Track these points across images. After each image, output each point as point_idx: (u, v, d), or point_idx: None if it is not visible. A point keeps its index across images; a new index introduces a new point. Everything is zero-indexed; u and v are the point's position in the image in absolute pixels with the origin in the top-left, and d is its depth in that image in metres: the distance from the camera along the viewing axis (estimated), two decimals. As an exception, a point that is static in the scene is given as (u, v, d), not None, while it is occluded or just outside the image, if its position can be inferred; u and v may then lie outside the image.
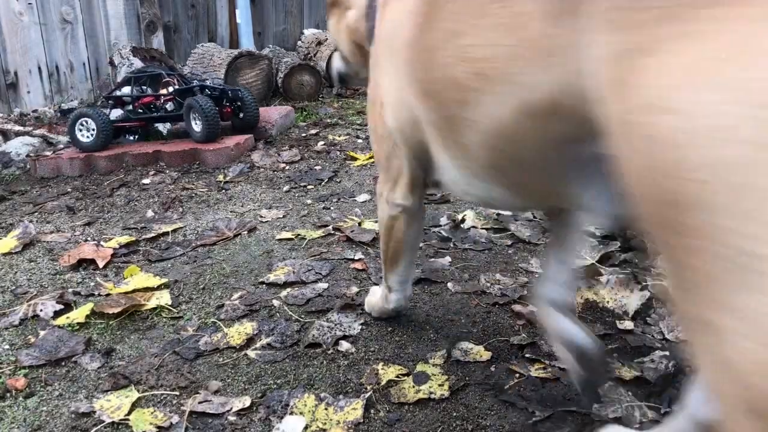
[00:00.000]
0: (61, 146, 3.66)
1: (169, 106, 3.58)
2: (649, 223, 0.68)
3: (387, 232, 1.62)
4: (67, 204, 2.91)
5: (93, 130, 3.44)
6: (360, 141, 3.72)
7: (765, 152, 0.55)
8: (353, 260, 2.23)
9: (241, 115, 3.68)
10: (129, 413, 1.51)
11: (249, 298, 2.02)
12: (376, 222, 2.52)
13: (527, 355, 1.69)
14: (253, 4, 5.70)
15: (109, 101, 3.67)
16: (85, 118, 3.46)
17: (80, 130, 3.47)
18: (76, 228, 2.65)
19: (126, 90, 3.68)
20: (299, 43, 5.70)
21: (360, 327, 1.82)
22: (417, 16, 1.12)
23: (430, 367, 1.64)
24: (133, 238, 2.49)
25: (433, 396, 1.54)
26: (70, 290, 2.11)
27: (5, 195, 3.12)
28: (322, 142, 3.74)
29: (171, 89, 3.59)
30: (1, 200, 3.06)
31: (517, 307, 1.92)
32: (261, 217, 2.66)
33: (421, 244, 2.35)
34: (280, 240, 2.43)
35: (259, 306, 1.97)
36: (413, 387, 1.57)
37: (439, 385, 1.58)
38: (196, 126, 3.40)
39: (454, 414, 1.49)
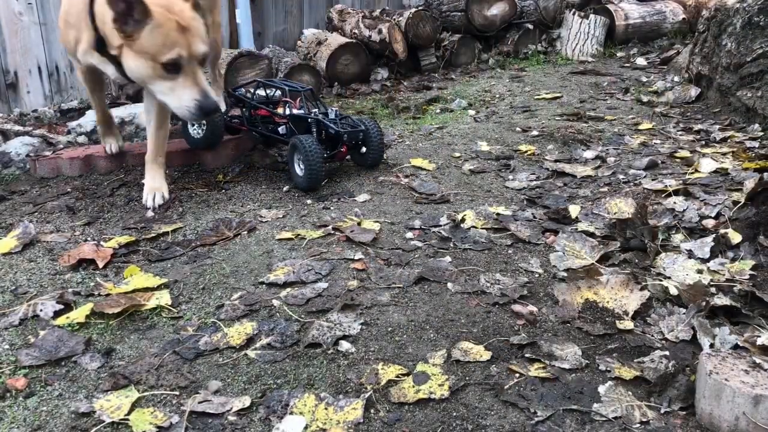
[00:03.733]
0: (61, 146, 3.66)
1: (282, 129, 3.12)
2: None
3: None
4: (67, 204, 2.91)
5: (204, 125, 3.18)
6: (360, 141, 3.72)
7: None
8: (353, 260, 2.23)
9: (363, 149, 3.10)
10: (129, 413, 1.51)
11: (249, 298, 2.02)
12: (375, 222, 2.53)
13: (527, 355, 1.69)
14: (253, 4, 5.70)
15: (231, 98, 3.37)
16: None
17: (192, 123, 3.24)
18: (76, 228, 2.65)
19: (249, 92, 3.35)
20: (299, 43, 5.70)
21: (360, 327, 1.82)
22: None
23: (430, 367, 1.64)
24: (133, 238, 2.49)
25: (433, 396, 1.54)
26: (70, 290, 2.11)
27: (5, 195, 3.12)
28: (322, 142, 3.74)
29: (287, 111, 3.13)
30: (1, 200, 3.05)
31: (517, 307, 1.92)
32: (261, 217, 2.66)
33: (420, 244, 2.35)
34: (280, 240, 2.43)
35: (259, 306, 1.97)
36: (413, 387, 1.57)
37: (439, 385, 1.58)
38: (299, 169, 2.91)
39: (454, 414, 1.49)
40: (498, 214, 2.58)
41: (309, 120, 3.01)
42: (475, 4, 5.76)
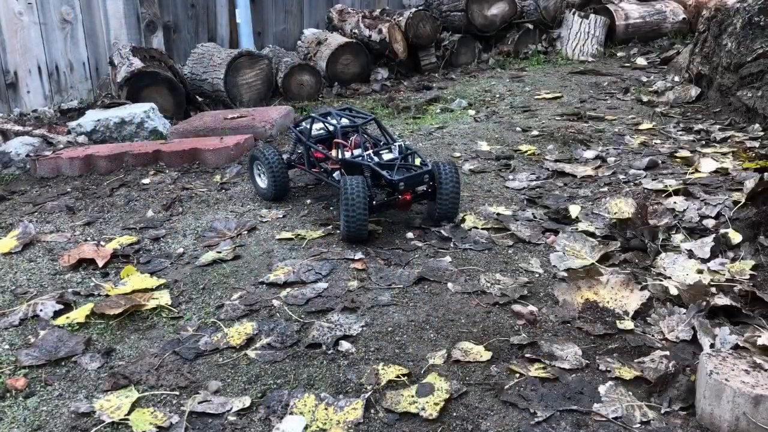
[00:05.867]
0: (61, 146, 3.66)
1: (336, 175, 2.59)
2: None
3: None
4: (67, 204, 2.91)
5: (267, 174, 2.78)
6: (360, 141, 3.72)
7: None
8: (353, 260, 2.23)
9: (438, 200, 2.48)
10: (129, 413, 1.51)
11: (249, 298, 2.02)
12: (376, 221, 2.52)
13: (527, 355, 1.69)
14: (253, 4, 5.70)
15: (293, 133, 2.85)
16: (259, 162, 2.82)
17: (258, 174, 2.86)
18: (76, 228, 2.65)
19: (316, 128, 2.81)
20: (299, 42, 5.69)
21: (360, 327, 1.82)
22: None
23: (434, 376, 1.64)
24: (134, 238, 2.49)
25: (433, 396, 1.54)
26: (70, 290, 2.11)
27: (5, 195, 3.12)
28: (322, 142, 3.74)
29: (339, 155, 2.57)
30: (1, 200, 3.05)
31: (517, 307, 1.92)
32: (261, 217, 2.66)
33: (420, 244, 2.35)
34: (280, 240, 2.43)
35: (259, 306, 1.97)
36: (414, 387, 1.57)
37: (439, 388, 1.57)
38: (342, 216, 2.34)
39: (454, 414, 1.49)
40: (498, 214, 2.58)
41: (362, 165, 2.46)
42: (475, 4, 5.76)
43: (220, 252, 2.33)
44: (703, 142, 3.35)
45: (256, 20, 5.80)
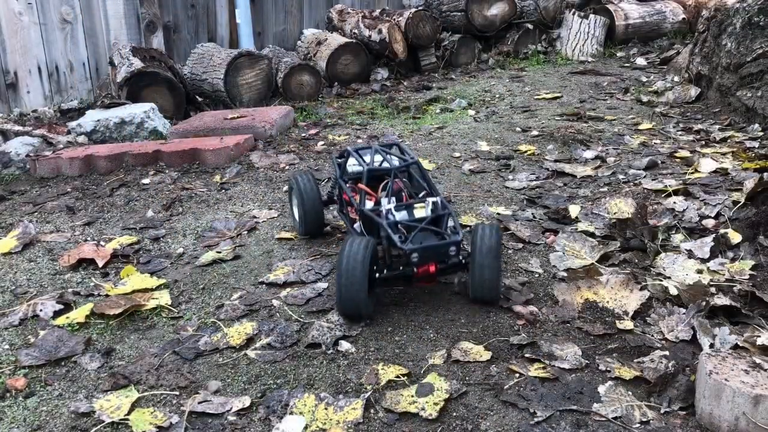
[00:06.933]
0: (61, 146, 3.66)
1: (357, 226, 2.13)
2: None
3: None
4: (67, 204, 2.91)
5: (299, 208, 2.41)
6: (360, 141, 3.72)
7: None
8: (353, 260, 2.23)
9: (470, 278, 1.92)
10: (129, 413, 1.51)
11: (249, 298, 2.02)
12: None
13: (527, 355, 1.69)
14: (253, 4, 5.70)
15: (334, 165, 2.37)
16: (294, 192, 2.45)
17: (296, 204, 2.46)
18: (76, 228, 2.65)
19: (351, 163, 2.30)
20: (299, 43, 5.70)
21: (360, 327, 1.82)
22: None
23: (435, 377, 1.64)
24: (134, 238, 2.49)
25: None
26: (70, 290, 2.11)
27: (5, 195, 3.12)
28: (322, 142, 3.74)
29: (360, 204, 2.09)
30: (1, 200, 3.06)
31: (517, 307, 1.92)
32: (260, 216, 2.66)
33: (421, 244, 2.34)
34: (280, 240, 2.43)
35: (259, 306, 1.97)
36: (413, 394, 1.57)
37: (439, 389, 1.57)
38: (336, 286, 1.87)
39: (454, 414, 1.49)
40: (498, 213, 2.58)
41: (381, 224, 1.95)
42: (475, 4, 5.76)
43: (220, 252, 2.33)
44: (703, 142, 3.35)
45: (256, 20, 5.80)
